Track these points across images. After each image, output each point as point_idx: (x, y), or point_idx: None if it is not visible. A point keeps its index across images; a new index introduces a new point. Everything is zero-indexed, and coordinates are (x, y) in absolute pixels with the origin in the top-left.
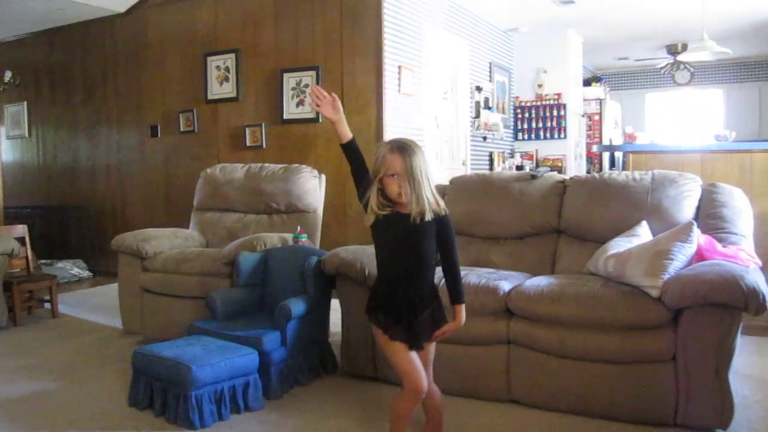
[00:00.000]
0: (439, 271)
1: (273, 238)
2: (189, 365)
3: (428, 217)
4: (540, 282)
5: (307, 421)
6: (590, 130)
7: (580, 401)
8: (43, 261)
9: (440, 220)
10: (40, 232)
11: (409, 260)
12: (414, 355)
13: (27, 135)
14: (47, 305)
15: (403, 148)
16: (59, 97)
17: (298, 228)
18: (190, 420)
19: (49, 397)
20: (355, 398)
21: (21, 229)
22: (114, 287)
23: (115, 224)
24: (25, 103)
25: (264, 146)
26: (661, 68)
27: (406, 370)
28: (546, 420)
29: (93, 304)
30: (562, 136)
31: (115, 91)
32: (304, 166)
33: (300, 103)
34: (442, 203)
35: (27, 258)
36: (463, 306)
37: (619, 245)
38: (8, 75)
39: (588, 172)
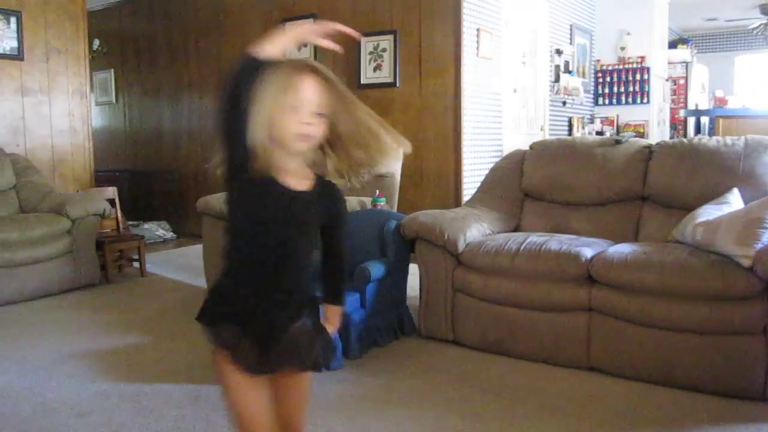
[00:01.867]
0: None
1: (352, 202)
2: None
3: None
4: (624, 249)
5: (385, 381)
6: (675, 94)
7: (662, 371)
8: (130, 222)
9: (329, 192)
10: (127, 194)
11: (285, 249)
12: (263, 404)
13: (114, 101)
14: (136, 264)
15: (317, 69)
16: (144, 64)
17: (377, 192)
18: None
19: (139, 350)
20: (432, 361)
21: (111, 191)
22: (197, 248)
23: (197, 187)
24: (112, 70)
25: None
26: (754, 29)
27: (243, 419)
28: (626, 388)
29: (178, 263)
30: (645, 101)
31: (196, 57)
32: None
33: (377, 67)
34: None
35: (117, 219)
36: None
37: (709, 213)
38: (96, 43)
39: (672, 138)
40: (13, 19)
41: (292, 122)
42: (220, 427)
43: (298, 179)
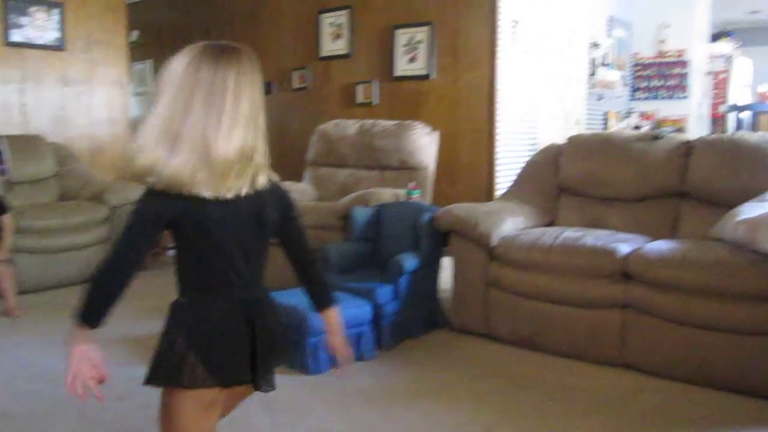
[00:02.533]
0: None
1: (386, 194)
2: (306, 313)
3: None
4: (661, 246)
5: (417, 373)
6: (715, 89)
7: (699, 371)
8: None
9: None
10: None
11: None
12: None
13: (151, 92)
14: (170, 252)
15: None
16: None
17: (410, 184)
18: (307, 365)
19: None
20: (464, 354)
21: None
22: None
23: None
24: (150, 61)
25: (375, 103)
26: None
27: None
28: (661, 387)
29: None
30: (684, 95)
31: None
32: (417, 122)
33: (412, 59)
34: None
35: None
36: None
37: (751, 210)
38: (134, 34)
39: (711, 133)
40: (55, 11)
41: None
42: (254, 415)
43: None
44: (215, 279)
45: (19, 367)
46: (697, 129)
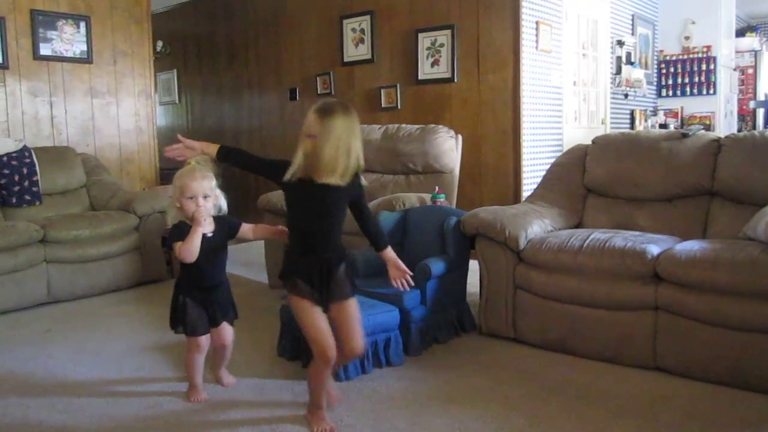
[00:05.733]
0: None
1: (411, 198)
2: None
3: (341, 183)
4: (692, 246)
5: (446, 378)
6: (743, 84)
7: (733, 373)
8: None
9: (354, 187)
10: None
11: (323, 225)
12: (324, 321)
13: (177, 101)
14: None
15: (325, 109)
16: (205, 64)
17: (436, 188)
18: (335, 372)
19: None
20: (493, 358)
21: None
22: (258, 244)
23: (257, 184)
24: (175, 70)
25: (399, 107)
26: None
27: (315, 337)
28: (695, 390)
29: (239, 260)
30: (711, 91)
31: (255, 56)
32: (440, 126)
33: (435, 63)
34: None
35: None
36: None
37: None
38: (160, 45)
39: (739, 130)
40: (82, 24)
41: None
42: (285, 420)
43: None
44: None
45: (52, 377)
46: (725, 125)
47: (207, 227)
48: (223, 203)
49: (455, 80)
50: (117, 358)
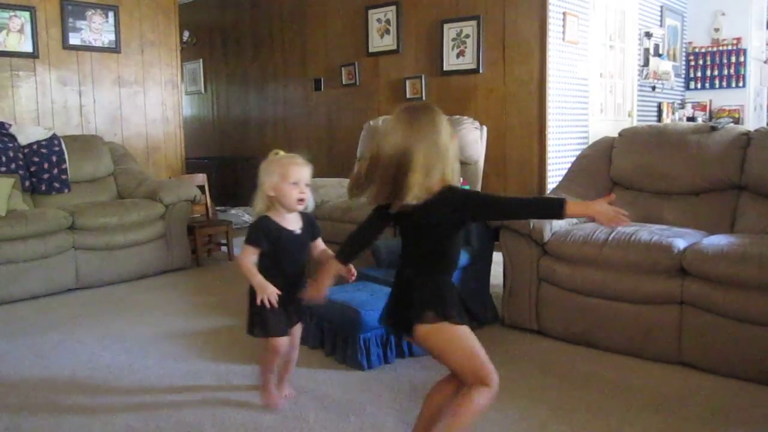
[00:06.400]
0: None
1: None
2: (358, 310)
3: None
4: (719, 240)
5: None
6: None
7: (759, 368)
8: (218, 208)
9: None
10: (214, 181)
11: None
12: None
13: (203, 91)
14: (224, 248)
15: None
16: (231, 54)
17: (461, 179)
18: (358, 361)
19: (228, 331)
20: (515, 350)
21: (201, 178)
22: None
23: None
24: (201, 60)
25: (424, 98)
26: None
27: (485, 358)
28: (720, 385)
29: None
30: (741, 84)
31: (281, 46)
32: (465, 117)
33: (460, 54)
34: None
35: (206, 204)
36: None
37: None
38: (186, 35)
39: None
40: (110, 14)
41: None
42: (308, 409)
43: None
44: None
45: (81, 361)
46: (755, 119)
47: (294, 223)
48: (311, 200)
49: (480, 71)
50: (143, 343)
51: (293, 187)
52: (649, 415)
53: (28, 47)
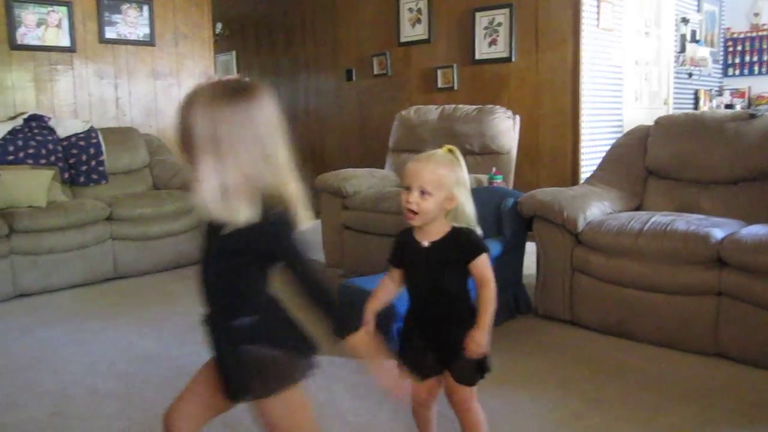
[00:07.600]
0: None
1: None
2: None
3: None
4: (759, 231)
5: (503, 359)
6: None
7: None
8: None
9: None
10: None
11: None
12: None
13: None
14: None
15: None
16: (263, 45)
17: (494, 169)
18: (391, 350)
19: None
20: (549, 341)
21: None
22: (314, 224)
23: (314, 165)
24: (234, 52)
25: (455, 87)
26: None
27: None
28: (758, 378)
29: None
30: None
31: (312, 37)
32: (497, 106)
33: (492, 42)
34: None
35: None
36: None
37: None
38: (219, 27)
39: None
40: (145, 8)
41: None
42: (340, 396)
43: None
44: None
45: (119, 349)
46: None
47: (424, 237)
48: (470, 211)
49: (513, 60)
50: (179, 332)
51: (404, 194)
52: (684, 406)
53: (65, 42)
